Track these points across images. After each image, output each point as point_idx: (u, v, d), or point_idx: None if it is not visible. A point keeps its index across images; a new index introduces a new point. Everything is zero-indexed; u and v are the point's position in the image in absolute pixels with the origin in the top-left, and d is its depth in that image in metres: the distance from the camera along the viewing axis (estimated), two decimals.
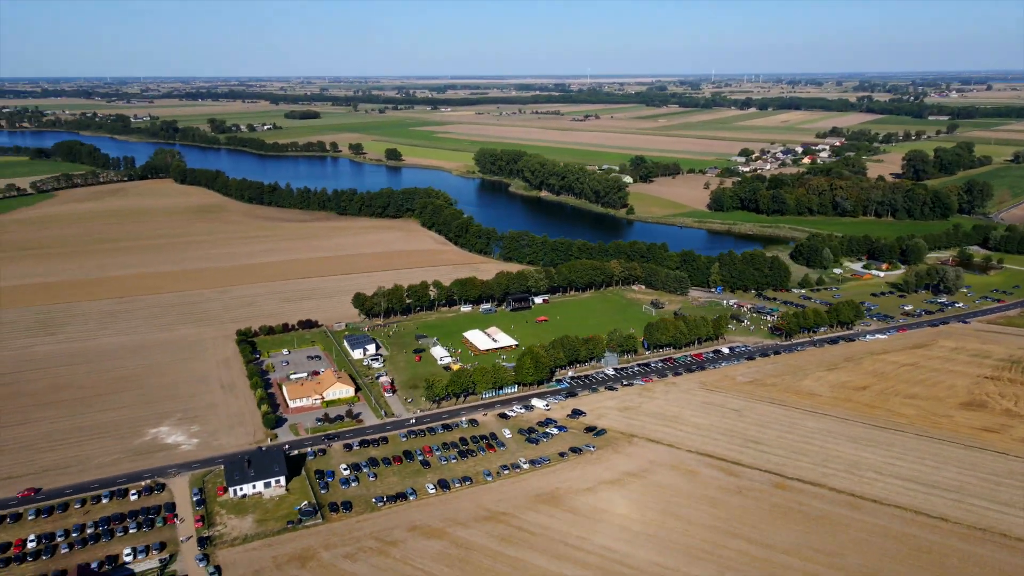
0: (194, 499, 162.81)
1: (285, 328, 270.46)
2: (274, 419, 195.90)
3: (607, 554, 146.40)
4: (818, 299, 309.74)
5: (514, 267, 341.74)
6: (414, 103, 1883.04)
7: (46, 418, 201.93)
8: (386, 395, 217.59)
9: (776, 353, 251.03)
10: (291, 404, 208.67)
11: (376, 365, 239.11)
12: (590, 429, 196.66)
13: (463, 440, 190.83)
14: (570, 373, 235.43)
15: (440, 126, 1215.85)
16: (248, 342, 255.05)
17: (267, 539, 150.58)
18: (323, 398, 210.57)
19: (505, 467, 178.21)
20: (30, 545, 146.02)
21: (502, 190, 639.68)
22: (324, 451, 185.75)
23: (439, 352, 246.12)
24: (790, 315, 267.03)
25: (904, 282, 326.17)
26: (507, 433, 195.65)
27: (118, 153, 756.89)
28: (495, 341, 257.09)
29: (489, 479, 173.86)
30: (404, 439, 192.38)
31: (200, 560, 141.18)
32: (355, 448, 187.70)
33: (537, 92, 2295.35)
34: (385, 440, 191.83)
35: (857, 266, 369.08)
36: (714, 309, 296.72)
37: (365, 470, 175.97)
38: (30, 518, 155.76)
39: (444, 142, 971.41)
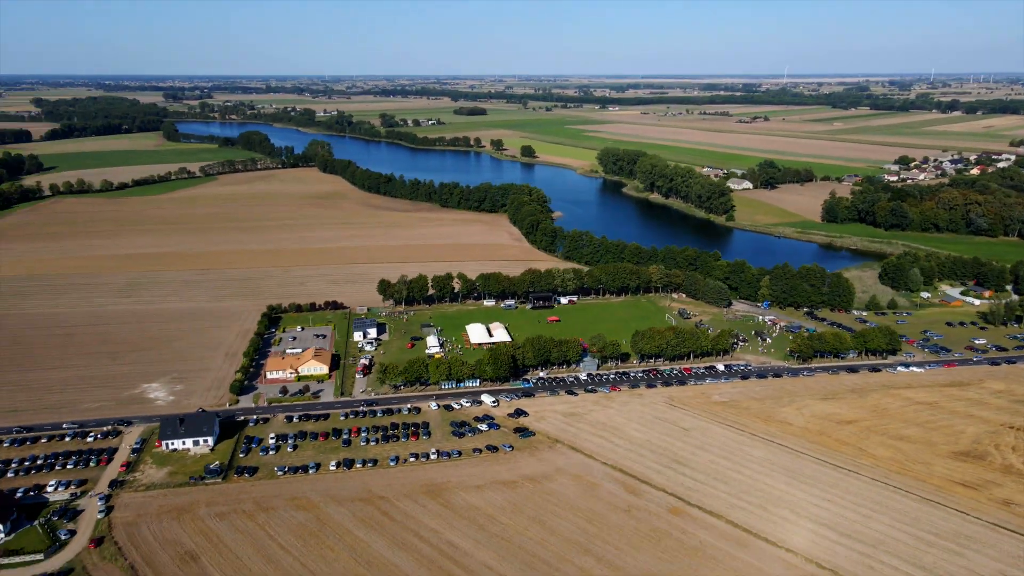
0: (134, 447, 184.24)
1: (312, 307, 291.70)
2: (240, 386, 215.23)
3: (447, 550, 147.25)
4: (872, 322, 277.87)
5: (567, 265, 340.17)
6: (587, 101, 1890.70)
7: (77, 365, 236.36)
8: (357, 376, 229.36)
9: (776, 376, 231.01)
10: (268, 375, 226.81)
11: (368, 348, 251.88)
12: (520, 430, 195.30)
13: (393, 425, 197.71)
14: (541, 374, 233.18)
15: (595, 125, 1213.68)
16: (274, 317, 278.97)
17: (166, 489, 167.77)
18: (297, 373, 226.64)
19: (415, 455, 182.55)
20: None
21: (618, 190, 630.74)
22: (267, 420, 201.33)
23: (431, 341, 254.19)
24: (804, 337, 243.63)
25: (990, 312, 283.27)
26: (438, 424, 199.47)
27: (293, 143, 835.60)
28: (491, 336, 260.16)
29: (392, 464, 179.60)
30: (343, 418, 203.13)
31: (100, 499, 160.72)
32: (295, 421, 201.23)
33: (720, 92, 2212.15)
34: (326, 417, 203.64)
35: (955, 291, 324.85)
36: (743, 324, 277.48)
37: (289, 441, 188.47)
38: (5, 445, 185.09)
39: (586, 140, 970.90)
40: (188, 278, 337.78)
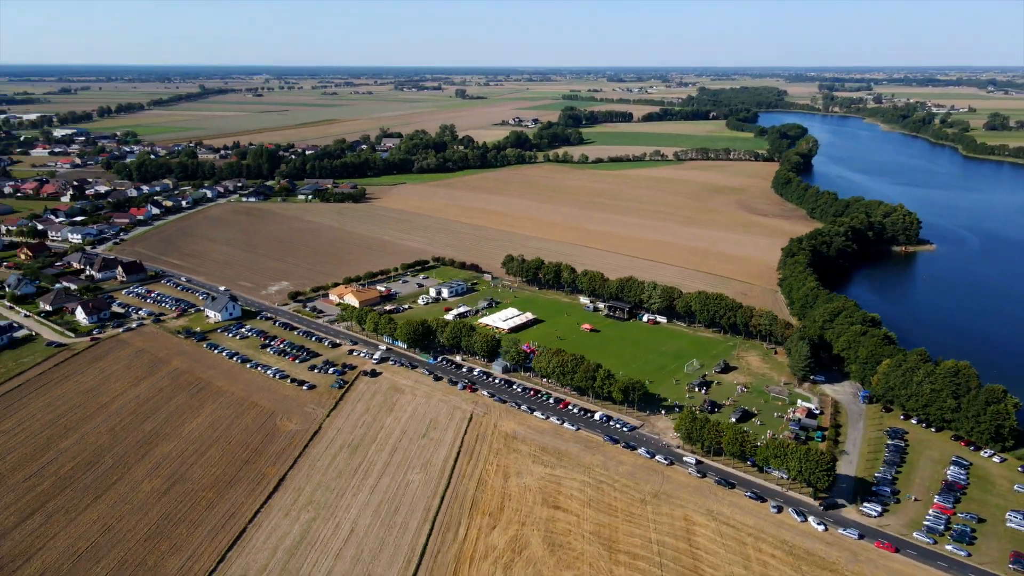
0: (194, 307, 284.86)
1: (462, 265, 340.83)
2: (295, 296, 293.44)
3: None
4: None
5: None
6: None
7: (293, 262, 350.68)
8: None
9: (674, 462, 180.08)
10: (329, 296, 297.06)
11: (421, 303, 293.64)
12: (340, 374, 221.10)
13: (291, 344, 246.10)
14: (458, 358, 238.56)
15: None
16: (426, 266, 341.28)
17: (178, 330, 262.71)
18: (340, 299, 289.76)
19: (277, 371, 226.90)
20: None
21: None
22: (270, 318, 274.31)
23: (459, 309, 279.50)
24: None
25: None
26: (317, 357, 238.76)
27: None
28: (505, 320, 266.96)
29: (233, 360, 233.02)
30: (284, 329, 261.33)
31: (154, 320, 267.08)
32: (276, 325, 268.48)
33: None
34: (285, 326, 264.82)
35: None
36: (756, 399, 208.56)
37: (245, 331, 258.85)
38: (164, 282, 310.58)
39: None
40: (434, 225, 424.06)
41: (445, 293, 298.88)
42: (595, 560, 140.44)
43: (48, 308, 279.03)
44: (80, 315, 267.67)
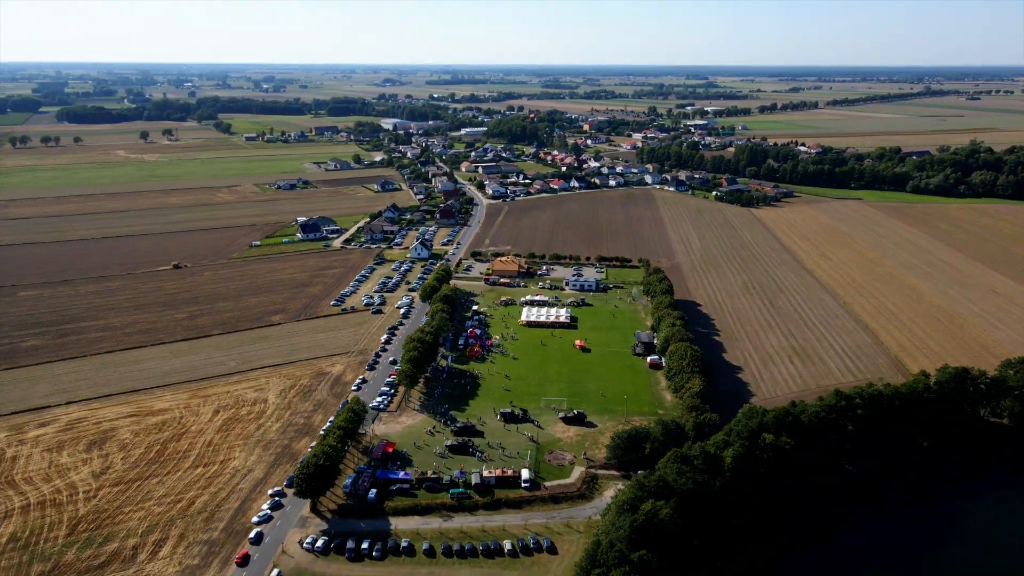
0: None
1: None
2: (476, 253, 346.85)
3: None
4: None
5: None
6: None
7: (578, 235, 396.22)
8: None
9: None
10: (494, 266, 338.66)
11: (538, 286, 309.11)
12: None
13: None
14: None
15: None
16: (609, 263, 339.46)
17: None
18: (494, 270, 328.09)
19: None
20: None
21: None
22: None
23: (529, 297, 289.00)
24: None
25: None
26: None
27: None
28: (542, 314, 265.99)
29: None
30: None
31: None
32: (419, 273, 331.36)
33: None
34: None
35: None
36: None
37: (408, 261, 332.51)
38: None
39: None
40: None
41: (568, 288, 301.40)
42: None
43: None
44: None
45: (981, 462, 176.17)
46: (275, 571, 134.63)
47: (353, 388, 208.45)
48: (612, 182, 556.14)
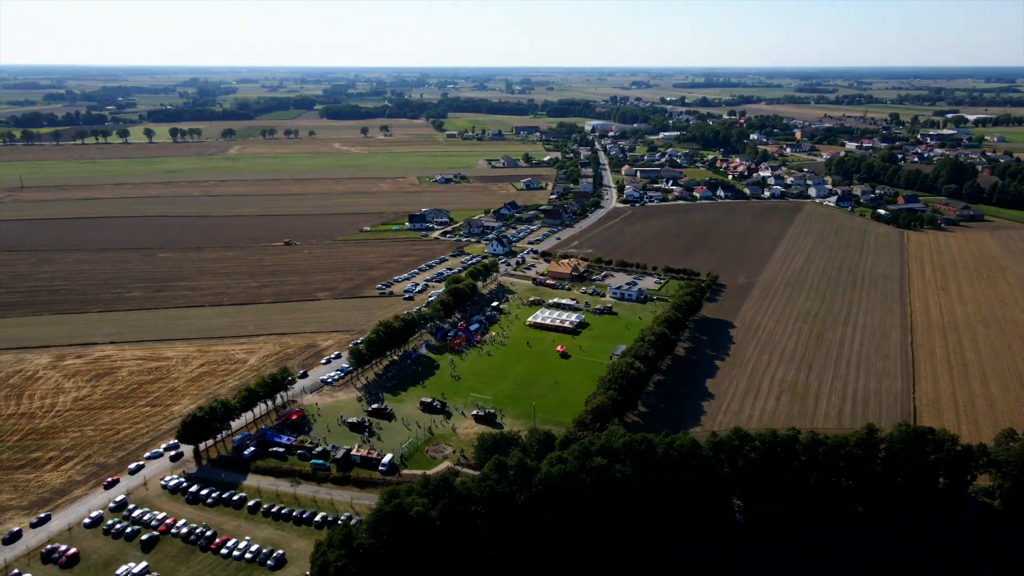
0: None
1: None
2: (544, 253, 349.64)
3: None
4: None
5: None
6: None
7: (676, 245, 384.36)
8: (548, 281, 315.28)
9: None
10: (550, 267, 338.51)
11: (582, 291, 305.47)
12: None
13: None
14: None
15: None
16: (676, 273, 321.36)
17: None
18: (548, 271, 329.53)
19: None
20: None
21: None
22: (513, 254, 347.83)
23: (555, 300, 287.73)
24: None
25: None
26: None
27: None
28: (550, 317, 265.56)
29: None
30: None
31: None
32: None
33: None
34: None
35: None
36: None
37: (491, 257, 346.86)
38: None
39: None
40: None
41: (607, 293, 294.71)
42: None
43: None
44: None
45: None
46: (122, 496, 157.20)
47: (323, 361, 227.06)
48: (766, 193, 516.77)
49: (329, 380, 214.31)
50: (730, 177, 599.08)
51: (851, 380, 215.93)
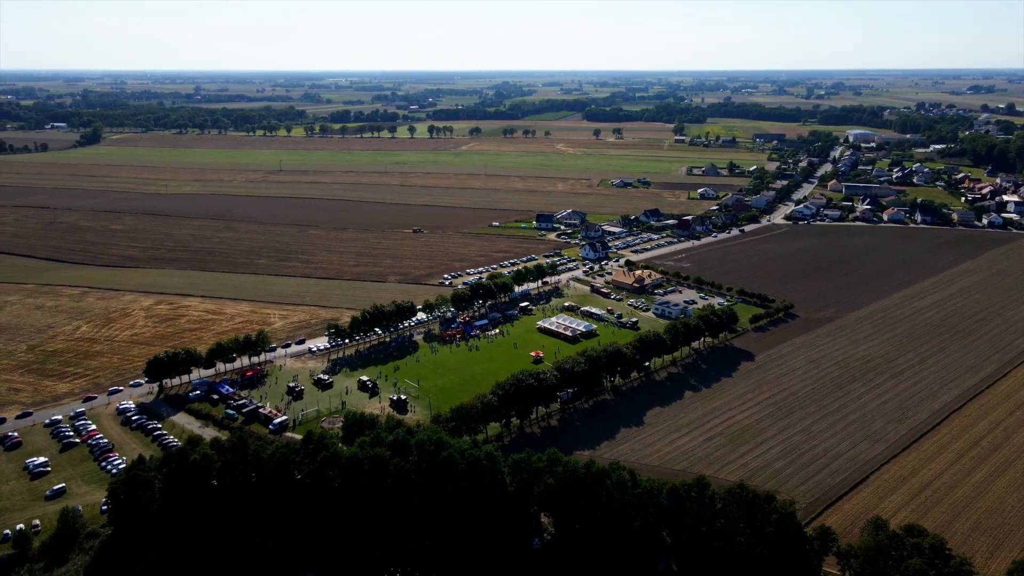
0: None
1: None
2: (629, 263, 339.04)
3: None
4: None
5: None
6: None
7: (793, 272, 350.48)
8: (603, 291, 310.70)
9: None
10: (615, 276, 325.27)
11: (632, 305, 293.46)
12: None
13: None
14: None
15: None
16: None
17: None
18: (612, 280, 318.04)
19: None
20: None
21: None
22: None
23: (584, 308, 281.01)
24: None
25: None
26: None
27: None
28: (556, 324, 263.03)
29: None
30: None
31: None
32: (575, 273, 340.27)
33: None
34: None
35: None
36: None
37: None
38: None
39: None
40: None
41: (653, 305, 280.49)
42: None
43: None
44: None
45: None
46: (82, 409, 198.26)
47: (327, 332, 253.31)
48: (984, 221, 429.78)
49: (314, 349, 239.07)
50: (963, 200, 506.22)
51: (823, 438, 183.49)
